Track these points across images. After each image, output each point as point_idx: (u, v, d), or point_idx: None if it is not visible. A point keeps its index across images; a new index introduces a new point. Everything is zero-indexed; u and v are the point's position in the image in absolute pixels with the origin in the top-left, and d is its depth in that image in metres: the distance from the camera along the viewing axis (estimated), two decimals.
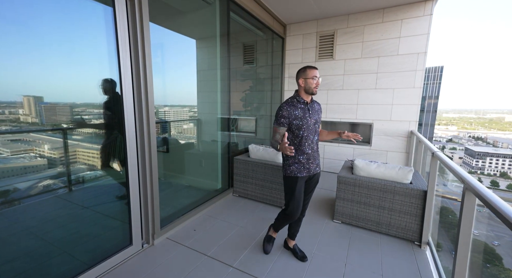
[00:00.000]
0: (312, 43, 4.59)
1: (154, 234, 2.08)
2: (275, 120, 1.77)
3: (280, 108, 1.75)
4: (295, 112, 1.73)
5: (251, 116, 4.95)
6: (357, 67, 4.30)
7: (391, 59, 4.03)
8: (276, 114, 1.76)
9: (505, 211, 0.91)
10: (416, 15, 3.76)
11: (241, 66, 4.83)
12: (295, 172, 1.79)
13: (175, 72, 3.20)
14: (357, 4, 3.81)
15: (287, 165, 1.82)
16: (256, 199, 3.12)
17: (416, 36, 3.80)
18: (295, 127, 1.74)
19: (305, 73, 1.73)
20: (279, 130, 1.75)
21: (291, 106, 1.74)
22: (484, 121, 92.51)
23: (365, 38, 4.17)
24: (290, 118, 1.72)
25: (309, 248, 2.12)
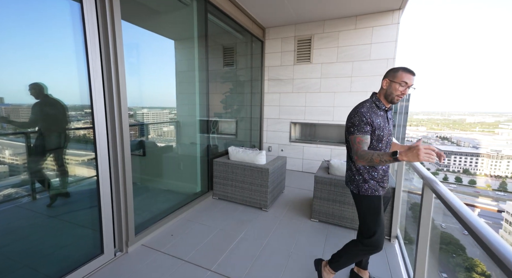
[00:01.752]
0: (291, 47, 4.71)
1: (128, 241, 2.00)
2: (357, 128, 1.39)
3: (362, 114, 1.40)
4: (377, 121, 1.43)
5: (232, 118, 4.95)
6: (333, 70, 4.48)
7: (364, 64, 4.26)
8: (357, 121, 1.39)
9: (454, 203, 1.01)
10: (385, 23, 4.02)
11: (221, 68, 4.82)
12: (372, 190, 1.47)
13: (153, 73, 3.11)
14: (332, 10, 3.99)
15: (362, 181, 1.48)
16: (236, 201, 3.12)
17: (385, 42, 4.06)
18: (375, 138, 1.44)
19: (395, 75, 1.40)
20: (366, 140, 1.38)
21: (372, 113, 1.43)
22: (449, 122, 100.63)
23: (340, 43, 4.37)
24: (373, 126, 1.41)
25: (287, 247, 2.16)
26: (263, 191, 2.92)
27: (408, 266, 1.88)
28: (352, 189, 1.54)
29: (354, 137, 1.40)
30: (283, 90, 4.91)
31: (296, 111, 4.87)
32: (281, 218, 2.73)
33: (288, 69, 4.80)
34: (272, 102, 5.06)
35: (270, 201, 3.00)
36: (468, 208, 1.01)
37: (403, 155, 1.12)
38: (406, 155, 1.11)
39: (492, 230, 0.80)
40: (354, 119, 1.43)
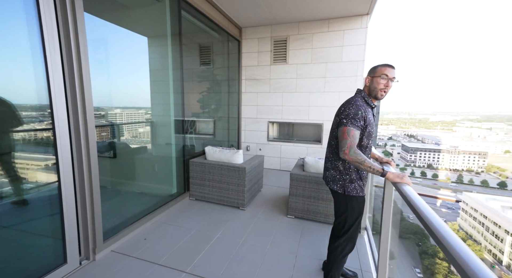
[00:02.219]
0: (267, 47, 4.78)
1: (95, 248, 1.89)
2: (351, 121, 1.33)
3: (358, 107, 1.36)
4: (369, 116, 1.39)
5: (210, 118, 4.88)
6: (307, 71, 4.63)
7: (336, 65, 4.45)
8: (352, 113, 1.34)
9: (410, 195, 1.11)
10: (355, 27, 4.24)
11: (197, 67, 4.73)
12: (358, 190, 1.45)
13: (125, 71, 2.96)
14: (306, 13, 4.11)
15: (349, 181, 1.44)
16: (213, 202, 3.09)
17: (355, 45, 4.29)
18: (366, 135, 1.40)
19: (375, 71, 1.41)
20: (358, 135, 1.34)
21: (366, 108, 1.39)
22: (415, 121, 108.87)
23: (314, 45, 4.52)
24: (366, 122, 1.37)
25: (263, 244, 2.20)
26: (241, 190, 2.92)
27: (375, 255, 2.02)
28: (336, 189, 1.47)
29: (348, 129, 1.32)
30: (260, 90, 4.96)
31: (273, 111, 4.95)
32: (258, 216, 2.76)
33: (265, 69, 4.86)
34: (250, 102, 5.09)
35: (248, 200, 3.02)
36: (419, 197, 1.12)
37: (393, 177, 1.26)
38: (393, 178, 1.26)
39: (436, 214, 0.89)
40: (349, 110, 1.36)
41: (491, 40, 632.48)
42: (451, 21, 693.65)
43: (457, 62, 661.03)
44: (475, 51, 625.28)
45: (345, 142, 1.33)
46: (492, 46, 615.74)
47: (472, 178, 54.48)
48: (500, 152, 68.93)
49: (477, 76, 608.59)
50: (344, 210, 1.49)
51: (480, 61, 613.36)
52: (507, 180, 52.03)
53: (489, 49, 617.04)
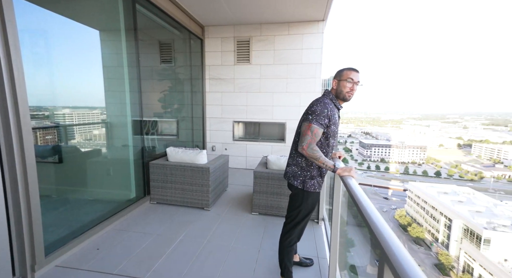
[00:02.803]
0: (231, 47, 4.79)
1: (35, 264, 1.68)
2: (316, 118, 1.40)
3: (325, 105, 1.43)
4: (335, 116, 1.47)
5: (172, 118, 4.69)
6: (270, 72, 4.78)
7: (297, 67, 4.69)
8: (319, 111, 1.41)
9: (352, 186, 1.24)
10: (312, 32, 4.52)
11: (158, 65, 4.50)
12: (315, 187, 1.53)
13: (74, 67, 2.66)
14: (267, 15, 4.24)
15: (309, 177, 1.51)
16: (176, 204, 3.00)
17: (313, 49, 4.57)
18: (331, 134, 1.48)
19: (341, 74, 1.48)
20: (320, 133, 1.42)
21: (333, 108, 1.47)
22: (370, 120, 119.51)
23: (276, 47, 4.69)
24: (331, 121, 1.44)
25: (227, 243, 2.22)
26: (205, 191, 2.89)
27: (330, 242, 2.20)
28: (296, 185, 1.53)
29: (312, 126, 1.39)
30: (224, 90, 4.94)
31: (238, 110, 4.99)
32: (223, 216, 2.77)
33: (229, 69, 4.86)
34: (214, 101, 5.04)
35: (212, 200, 3.00)
36: (359, 187, 1.26)
37: (341, 172, 1.38)
38: (343, 171, 1.37)
39: (370, 202, 1.03)
40: (316, 107, 1.43)
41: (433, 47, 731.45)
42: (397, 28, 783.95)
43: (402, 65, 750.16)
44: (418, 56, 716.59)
45: (306, 138, 1.42)
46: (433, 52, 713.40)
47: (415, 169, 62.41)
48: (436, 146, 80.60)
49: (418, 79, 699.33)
50: (299, 204, 1.57)
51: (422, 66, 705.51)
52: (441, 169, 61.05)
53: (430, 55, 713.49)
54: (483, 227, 22.21)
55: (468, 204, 27.38)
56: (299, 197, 1.57)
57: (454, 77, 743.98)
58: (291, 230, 1.62)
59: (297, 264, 1.91)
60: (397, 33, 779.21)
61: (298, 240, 1.70)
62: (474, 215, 24.93)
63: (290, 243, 1.62)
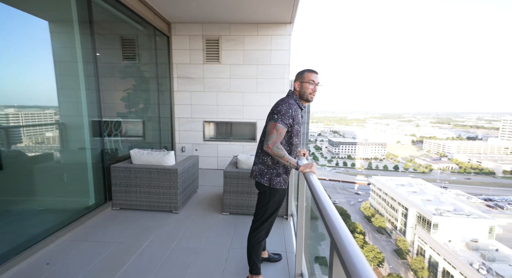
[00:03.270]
0: (199, 45, 4.69)
1: None
2: (281, 117, 1.45)
3: (290, 105, 1.49)
4: (298, 116, 1.55)
5: (138, 118, 4.43)
6: (240, 72, 4.79)
7: (266, 68, 4.78)
8: (283, 110, 1.46)
9: (312, 181, 1.31)
10: (281, 34, 4.65)
11: (120, 61, 4.21)
12: (281, 184, 1.59)
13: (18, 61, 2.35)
14: (236, 15, 4.24)
15: (275, 174, 1.57)
16: (142, 208, 2.84)
17: (282, 50, 4.71)
18: (294, 133, 1.55)
19: (302, 76, 1.56)
20: (284, 132, 1.48)
21: (297, 108, 1.54)
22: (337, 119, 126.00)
23: (245, 47, 4.71)
24: (294, 121, 1.51)
25: (197, 245, 2.18)
26: (173, 193, 2.80)
27: (302, 235, 2.29)
28: (263, 182, 1.57)
29: (277, 125, 1.45)
30: (194, 89, 4.82)
31: (208, 110, 4.91)
32: (192, 218, 2.71)
33: (198, 68, 4.76)
34: (183, 101, 4.89)
35: (182, 203, 2.91)
36: (318, 182, 1.34)
37: (303, 168, 1.47)
38: (305, 168, 1.46)
39: (327, 196, 1.10)
40: (281, 107, 1.48)
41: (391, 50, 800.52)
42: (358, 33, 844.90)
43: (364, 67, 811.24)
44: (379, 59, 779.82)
45: (271, 137, 1.46)
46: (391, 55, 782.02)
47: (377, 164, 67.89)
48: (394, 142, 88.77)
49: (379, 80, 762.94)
50: (267, 201, 1.62)
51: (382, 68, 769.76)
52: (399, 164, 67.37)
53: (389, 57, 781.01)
54: (432, 214, 25.14)
55: (420, 194, 30.74)
56: (266, 194, 1.61)
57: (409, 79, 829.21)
58: (259, 227, 1.65)
59: (266, 260, 1.96)
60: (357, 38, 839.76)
61: (266, 236, 1.74)
62: (425, 203, 28.09)
63: (258, 240, 1.66)
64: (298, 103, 1.58)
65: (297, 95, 1.60)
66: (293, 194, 2.78)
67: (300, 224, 1.72)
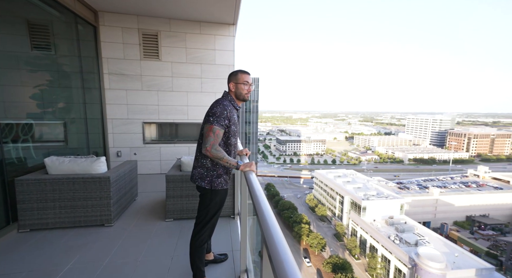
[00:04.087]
0: (135, 39, 4.26)
1: None
2: (217, 119, 1.47)
3: (224, 107, 1.51)
4: (234, 116, 1.58)
5: (57, 119, 3.73)
6: (183, 70, 4.59)
7: (211, 67, 4.71)
8: (219, 112, 1.48)
9: (251, 179, 1.37)
10: (224, 34, 4.65)
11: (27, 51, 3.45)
12: (223, 185, 1.60)
13: None
14: (176, 10, 4.03)
15: (215, 176, 1.57)
16: (63, 226, 2.41)
17: (226, 51, 4.72)
18: (231, 133, 1.57)
19: (236, 77, 1.61)
20: (221, 134, 1.50)
21: (232, 109, 1.56)
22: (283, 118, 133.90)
23: (188, 45, 4.53)
24: (230, 121, 1.53)
25: (135, 256, 1.99)
26: (105, 204, 2.47)
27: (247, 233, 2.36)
28: (203, 185, 1.55)
29: (214, 127, 1.46)
30: (130, 87, 4.36)
31: (149, 110, 4.52)
32: (130, 229, 2.46)
33: (135, 64, 4.32)
34: (118, 100, 4.36)
35: (116, 214, 2.60)
36: (256, 180, 1.41)
37: (243, 167, 1.50)
38: (245, 167, 1.49)
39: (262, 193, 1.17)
40: (216, 109, 1.49)
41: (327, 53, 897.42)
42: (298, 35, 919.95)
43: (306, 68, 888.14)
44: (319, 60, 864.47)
45: (209, 139, 1.46)
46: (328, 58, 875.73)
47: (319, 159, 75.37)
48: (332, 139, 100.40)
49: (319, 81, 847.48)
50: (208, 203, 1.61)
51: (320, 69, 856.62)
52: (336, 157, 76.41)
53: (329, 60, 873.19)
54: (362, 199, 29.53)
55: (353, 183, 35.63)
56: (208, 196, 1.60)
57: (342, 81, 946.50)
58: (202, 229, 1.63)
59: (211, 262, 1.94)
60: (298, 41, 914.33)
61: (209, 238, 1.73)
62: (357, 190, 32.75)
63: (201, 243, 1.63)
64: (233, 104, 1.62)
65: (232, 96, 1.64)
66: (239, 192, 2.83)
67: (244, 222, 1.77)
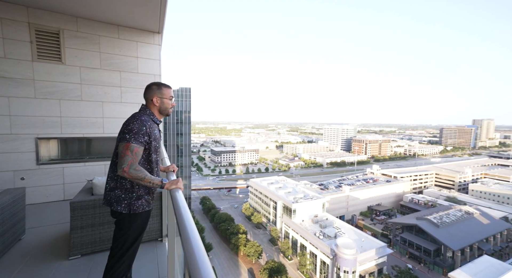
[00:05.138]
0: (24, 35, 3.43)
1: None
2: (134, 136, 1.36)
3: (143, 122, 1.41)
4: (155, 132, 1.50)
5: None
6: (98, 77, 3.98)
7: (133, 76, 4.28)
8: (136, 129, 1.37)
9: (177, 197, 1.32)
10: (149, 42, 4.36)
11: None
12: (144, 206, 1.46)
13: None
14: (85, 8, 3.50)
15: (135, 198, 1.42)
16: None
17: (151, 59, 4.42)
18: (153, 149, 1.47)
19: (162, 92, 1.54)
20: (141, 152, 1.39)
21: (151, 124, 1.48)
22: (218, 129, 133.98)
23: (103, 49, 3.99)
24: (151, 137, 1.44)
25: None
26: None
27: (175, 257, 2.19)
28: (120, 210, 1.38)
29: (131, 145, 1.33)
30: (15, 94, 3.43)
31: (46, 123, 3.66)
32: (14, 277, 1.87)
33: (23, 66, 3.45)
34: None
35: None
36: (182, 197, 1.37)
37: (168, 186, 1.39)
38: (171, 185, 1.38)
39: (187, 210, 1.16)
40: (132, 125, 1.37)
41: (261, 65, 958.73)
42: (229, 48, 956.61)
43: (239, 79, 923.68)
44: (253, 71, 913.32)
45: (126, 159, 1.30)
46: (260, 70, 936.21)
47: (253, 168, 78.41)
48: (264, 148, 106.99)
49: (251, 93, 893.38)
50: (127, 229, 1.42)
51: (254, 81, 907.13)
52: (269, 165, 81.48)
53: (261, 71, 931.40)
54: (292, 202, 32.38)
55: (284, 188, 38.70)
56: (126, 222, 1.42)
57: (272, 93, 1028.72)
58: (118, 261, 1.42)
59: None
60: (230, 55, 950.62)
61: (129, 269, 1.52)
62: (287, 195, 35.71)
63: (121, 276, 1.43)
64: (152, 118, 1.53)
65: (154, 110, 1.56)
66: (167, 213, 2.64)
67: (172, 244, 1.66)
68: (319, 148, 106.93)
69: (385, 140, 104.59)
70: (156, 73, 4.49)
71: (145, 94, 1.55)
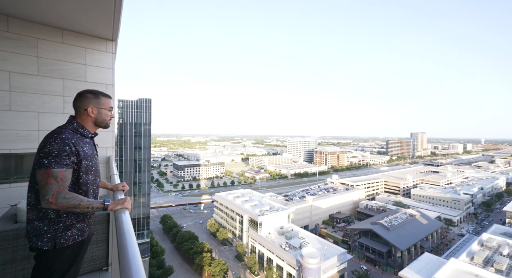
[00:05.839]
0: None
1: None
2: (55, 160, 1.15)
3: (63, 141, 1.19)
4: (84, 149, 1.29)
5: None
6: (33, 85, 3.49)
7: (79, 85, 3.86)
8: (56, 151, 1.16)
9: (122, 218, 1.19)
10: (100, 49, 4.04)
11: None
12: (76, 237, 1.23)
13: None
14: (14, 6, 3.09)
15: (62, 229, 1.19)
16: None
17: (103, 68, 4.08)
18: (83, 170, 1.27)
19: (99, 102, 1.39)
20: (69, 175, 1.19)
21: (78, 140, 1.27)
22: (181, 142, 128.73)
23: (41, 54, 3.54)
24: (80, 156, 1.24)
25: None
26: None
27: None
28: (40, 246, 1.13)
29: (53, 172, 1.10)
30: None
31: None
32: None
33: None
34: None
35: None
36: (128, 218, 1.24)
37: (113, 206, 1.23)
38: (116, 205, 1.23)
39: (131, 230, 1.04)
40: (50, 147, 1.16)
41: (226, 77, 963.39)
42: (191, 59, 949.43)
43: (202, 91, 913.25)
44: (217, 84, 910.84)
45: (50, 188, 1.10)
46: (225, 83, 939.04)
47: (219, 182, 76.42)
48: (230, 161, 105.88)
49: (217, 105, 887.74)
50: (49, 266, 1.17)
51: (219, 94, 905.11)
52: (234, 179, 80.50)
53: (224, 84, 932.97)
54: (258, 215, 32.18)
55: (250, 201, 38.37)
56: (48, 258, 1.18)
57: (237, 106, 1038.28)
58: None
59: None
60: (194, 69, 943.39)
61: None
62: (253, 208, 35.44)
63: None
64: (81, 132, 1.34)
65: (87, 122, 1.40)
66: (115, 238, 2.35)
67: (116, 274, 1.47)
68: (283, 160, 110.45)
69: (342, 151, 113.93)
70: (108, 83, 4.15)
71: (76, 103, 1.38)
